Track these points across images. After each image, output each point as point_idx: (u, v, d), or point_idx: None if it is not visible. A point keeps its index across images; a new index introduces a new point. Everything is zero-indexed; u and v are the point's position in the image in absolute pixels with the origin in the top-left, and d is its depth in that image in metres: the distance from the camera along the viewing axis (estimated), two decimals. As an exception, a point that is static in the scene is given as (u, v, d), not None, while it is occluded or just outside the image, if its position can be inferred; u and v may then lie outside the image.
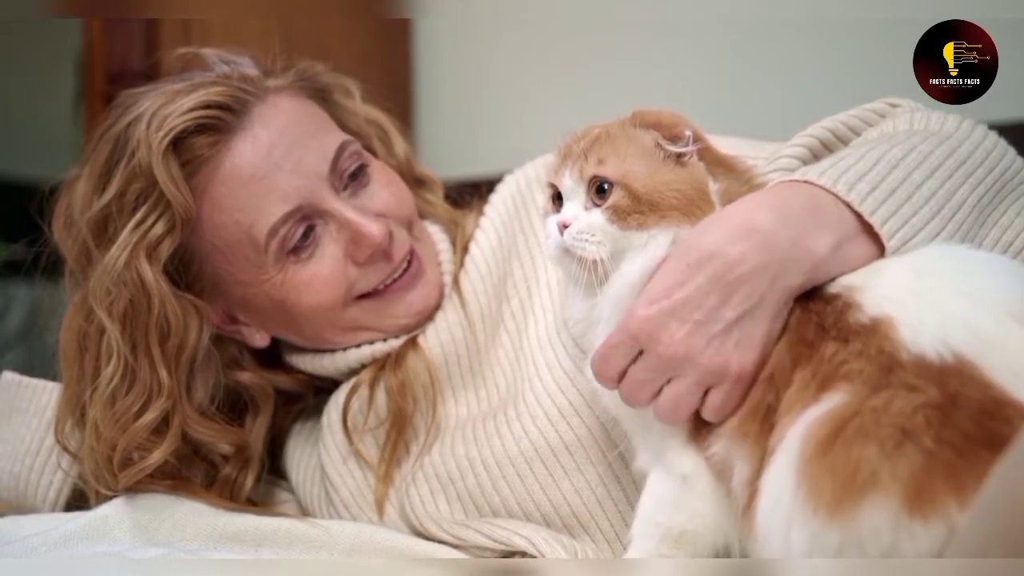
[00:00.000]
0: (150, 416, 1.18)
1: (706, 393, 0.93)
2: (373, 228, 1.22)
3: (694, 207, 0.96)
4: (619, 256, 0.96)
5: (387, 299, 1.27)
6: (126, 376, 1.19)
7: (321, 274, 1.23)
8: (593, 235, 0.96)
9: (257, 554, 1.16)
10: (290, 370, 1.34)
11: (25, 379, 1.34)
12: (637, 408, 0.96)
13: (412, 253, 1.28)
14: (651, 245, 0.95)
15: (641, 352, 0.94)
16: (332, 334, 1.28)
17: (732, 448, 0.91)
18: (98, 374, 1.20)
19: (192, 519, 1.20)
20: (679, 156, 0.97)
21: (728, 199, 0.97)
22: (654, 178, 0.96)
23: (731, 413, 0.92)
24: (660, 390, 0.94)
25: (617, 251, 0.96)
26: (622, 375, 0.95)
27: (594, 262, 0.96)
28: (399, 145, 1.39)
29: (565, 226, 0.97)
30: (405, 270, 1.27)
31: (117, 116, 1.24)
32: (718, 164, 1.00)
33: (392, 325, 1.28)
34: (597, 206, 0.97)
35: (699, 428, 0.94)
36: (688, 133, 0.98)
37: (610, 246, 0.96)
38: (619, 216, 0.95)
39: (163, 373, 1.19)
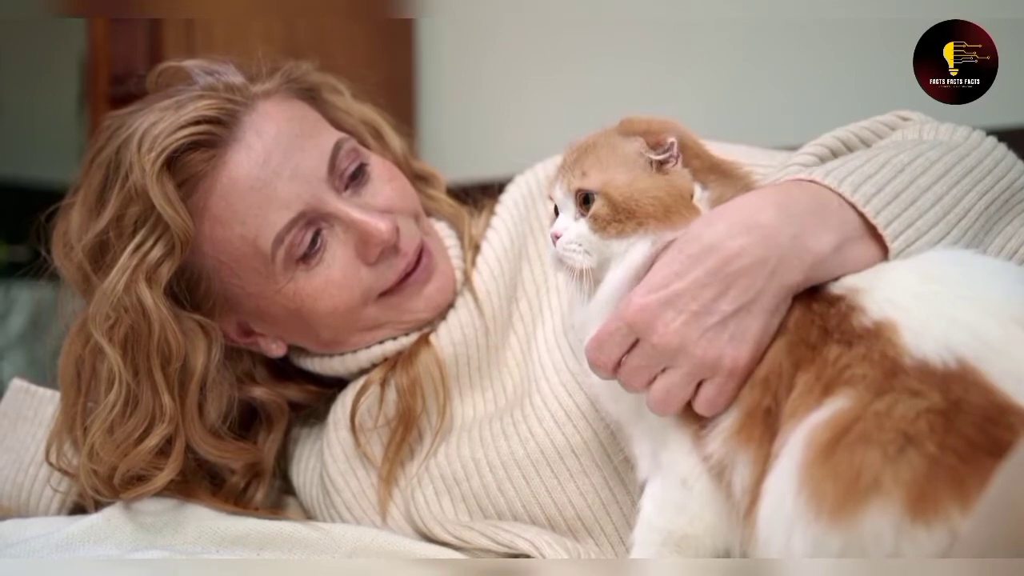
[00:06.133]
0: (152, 442, 1.17)
1: (699, 386, 0.93)
2: (380, 225, 1.21)
3: (672, 214, 0.95)
4: (605, 265, 0.98)
5: (405, 293, 1.26)
6: (128, 402, 1.18)
7: (334, 279, 1.22)
8: (580, 245, 0.98)
9: (259, 558, 1.16)
10: (301, 381, 1.33)
11: (33, 387, 1.33)
12: (632, 392, 0.96)
13: (423, 246, 1.27)
14: (630, 253, 0.96)
15: (636, 341, 0.94)
16: (351, 335, 1.27)
17: (734, 452, 0.91)
18: (97, 399, 1.19)
19: (194, 522, 1.20)
20: (661, 164, 0.97)
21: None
22: (632, 186, 0.96)
23: (723, 408, 0.92)
24: (654, 379, 0.94)
25: (603, 260, 0.97)
26: (617, 365, 0.95)
27: (581, 272, 0.97)
28: (394, 141, 1.37)
29: (557, 237, 0.99)
30: (417, 262, 1.26)
31: (106, 139, 1.23)
32: (711, 171, 1.00)
33: (411, 320, 1.27)
34: (584, 216, 0.98)
35: (699, 431, 0.94)
36: (671, 140, 0.98)
37: (596, 256, 0.97)
38: (600, 225, 0.97)
39: (166, 398, 1.18)
